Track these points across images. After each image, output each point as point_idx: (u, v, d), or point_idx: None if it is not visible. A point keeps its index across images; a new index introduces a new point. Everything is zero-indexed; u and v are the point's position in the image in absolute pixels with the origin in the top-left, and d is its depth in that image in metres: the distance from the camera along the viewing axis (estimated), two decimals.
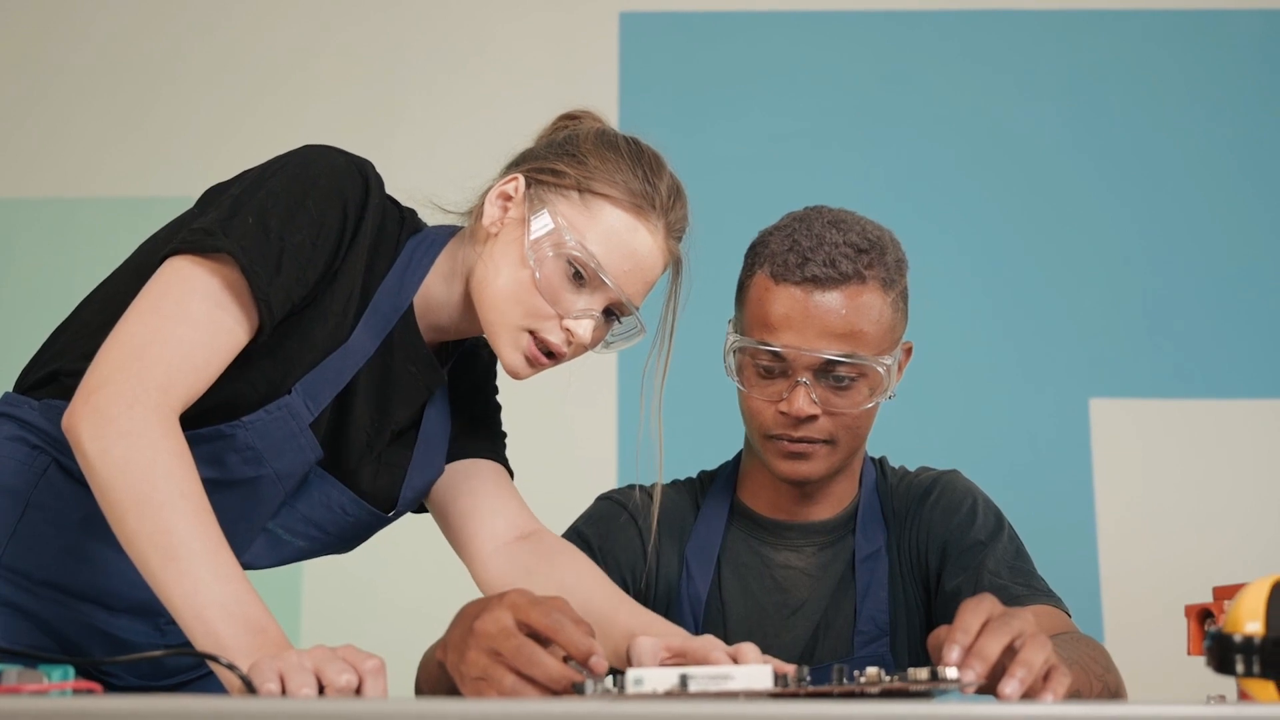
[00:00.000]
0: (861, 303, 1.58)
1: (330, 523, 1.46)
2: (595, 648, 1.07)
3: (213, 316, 1.26)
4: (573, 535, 1.69)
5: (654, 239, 1.43)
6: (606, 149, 1.44)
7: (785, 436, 1.60)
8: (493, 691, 1.09)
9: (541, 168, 1.43)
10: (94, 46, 3.14)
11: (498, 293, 1.39)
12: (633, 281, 1.42)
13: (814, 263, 1.57)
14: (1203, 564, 2.77)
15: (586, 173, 1.41)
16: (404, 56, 3.10)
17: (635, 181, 1.42)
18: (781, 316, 1.58)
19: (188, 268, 1.27)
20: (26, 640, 1.36)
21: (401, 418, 1.48)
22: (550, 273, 1.38)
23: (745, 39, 3.10)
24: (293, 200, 1.32)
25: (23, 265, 2.94)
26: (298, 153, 1.37)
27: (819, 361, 1.57)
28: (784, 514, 1.69)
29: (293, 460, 1.38)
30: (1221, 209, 2.99)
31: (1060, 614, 1.52)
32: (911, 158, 3.03)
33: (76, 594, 1.38)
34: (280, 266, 1.29)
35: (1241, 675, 0.97)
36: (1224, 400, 2.91)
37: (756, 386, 1.61)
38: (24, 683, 0.94)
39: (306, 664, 1.06)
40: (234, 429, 1.32)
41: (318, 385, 1.37)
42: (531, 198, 1.41)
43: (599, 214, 1.40)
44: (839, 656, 1.62)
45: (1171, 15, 3.06)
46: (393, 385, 1.45)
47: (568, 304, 1.39)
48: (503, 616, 1.10)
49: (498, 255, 1.40)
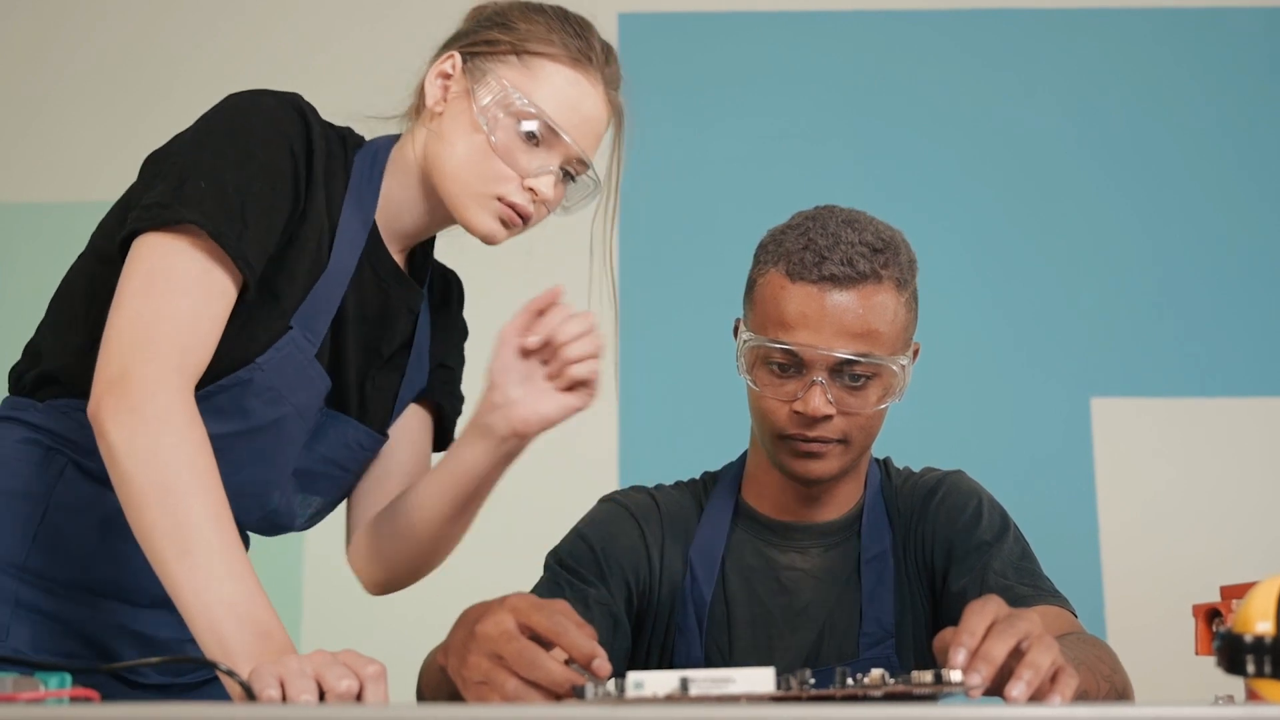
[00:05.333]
0: (877, 302, 1.57)
1: (349, 459, 1.49)
2: (598, 651, 1.07)
3: (202, 282, 1.27)
4: (575, 537, 1.68)
5: (596, 90, 1.45)
6: (534, 13, 1.47)
7: (800, 436, 1.59)
8: (494, 695, 1.08)
9: (475, 41, 1.47)
10: (95, 52, 3.14)
11: (456, 164, 1.42)
12: (583, 134, 1.44)
13: (831, 261, 1.56)
14: (1206, 563, 2.76)
15: (519, 36, 1.44)
16: (403, 59, 3.09)
17: (569, 38, 1.45)
18: (797, 315, 1.56)
19: (161, 243, 1.28)
20: (53, 645, 1.37)
21: (392, 340, 1.50)
22: (504, 135, 1.41)
23: (744, 40, 3.10)
24: (239, 152, 1.32)
25: (25, 270, 2.94)
26: (226, 106, 1.38)
27: (835, 361, 1.56)
28: (789, 515, 1.69)
29: (308, 393, 1.40)
30: (1224, 206, 2.98)
31: (1067, 614, 1.51)
32: (911, 157, 3.03)
33: (101, 592, 1.39)
34: (246, 220, 1.30)
35: (1252, 676, 0.96)
36: (1227, 398, 2.91)
37: (770, 385, 1.60)
38: (19, 690, 0.93)
39: (307, 669, 1.06)
40: (251, 372, 1.34)
41: (312, 315, 1.39)
42: (471, 70, 1.44)
43: (540, 72, 1.43)
44: (844, 658, 1.61)
45: (1174, 13, 3.05)
46: (375, 308, 1.47)
47: (525, 164, 1.42)
48: (504, 620, 1.09)
49: (448, 130, 1.43)
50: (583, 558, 1.64)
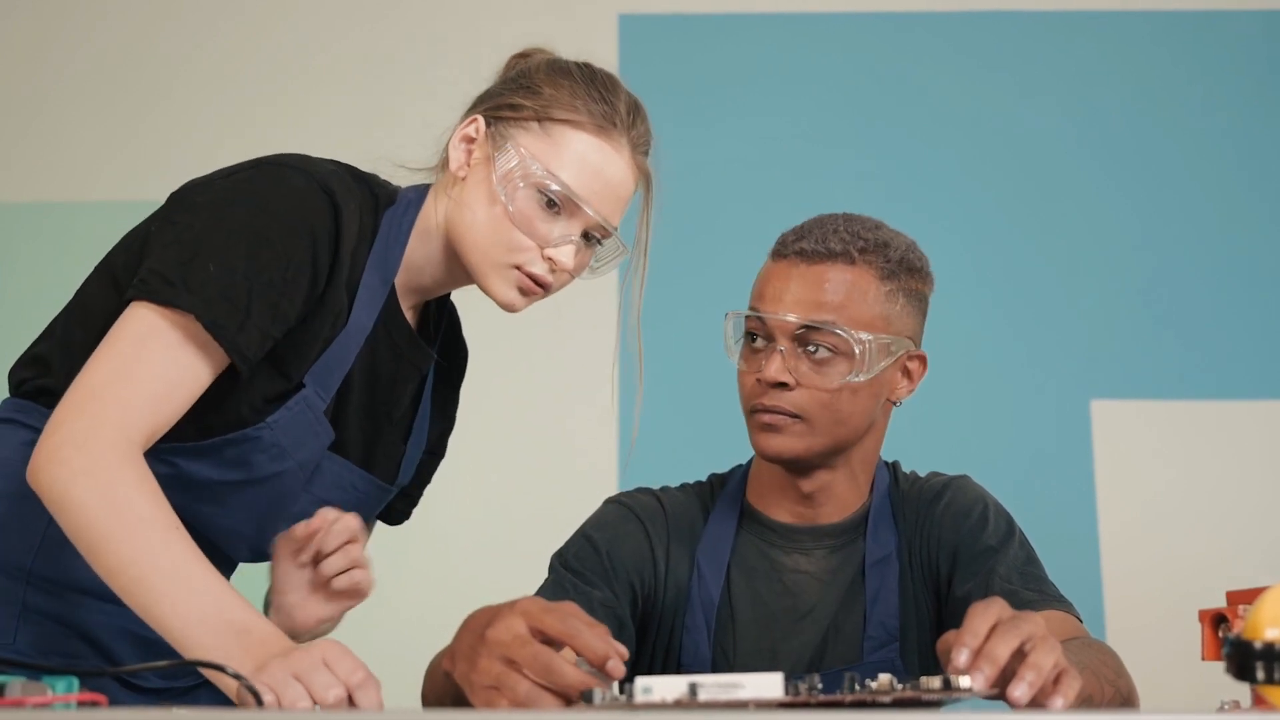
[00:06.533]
0: (846, 279, 1.59)
1: (341, 501, 1.48)
2: (611, 652, 1.06)
3: (170, 357, 1.27)
4: (580, 539, 1.68)
5: (620, 156, 1.44)
6: (559, 76, 1.46)
7: (761, 407, 1.60)
8: (505, 700, 1.07)
9: (499, 105, 1.46)
10: (95, 52, 3.13)
11: (477, 233, 1.41)
12: (605, 201, 1.43)
13: (806, 239, 1.61)
14: (1206, 566, 2.76)
15: (543, 102, 1.43)
16: (403, 61, 3.09)
17: (593, 103, 1.44)
18: (766, 285, 1.62)
19: (149, 317, 1.28)
20: (60, 647, 1.38)
21: (400, 398, 1.50)
22: (522, 204, 1.40)
23: (744, 41, 3.10)
24: (255, 238, 1.31)
25: (25, 270, 2.94)
26: (255, 182, 1.36)
27: (792, 327, 1.58)
28: (793, 517, 1.69)
29: (312, 449, 1.41)
30: (1224, 208, 2.99)
31: (1072, 619, 1.52)
32: (912, 160, 3.03)
33: (104, 595, 1.39)
34: (250, 309, 1.29)
35: (1261, 682, 0.96)
36: (1226, 401, 2.91)
37: (745, 359, 1.64)
38: (28, 695, 0.93)
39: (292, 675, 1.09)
40: (260, 431, 1.35)
41: (325, 372, 1.40)
42: (493, 135, 1.44)
43: (561, 140, 1.42)
44: (848, 662, 1.61)
45: (1174, 16, 3.05)
46: (386, 366, 1.47)
47: (544, 233, 1.41)
48: (516, 624, 1.09)
49: (469, 197, 1.43)
50: (588, 560, 1.64)
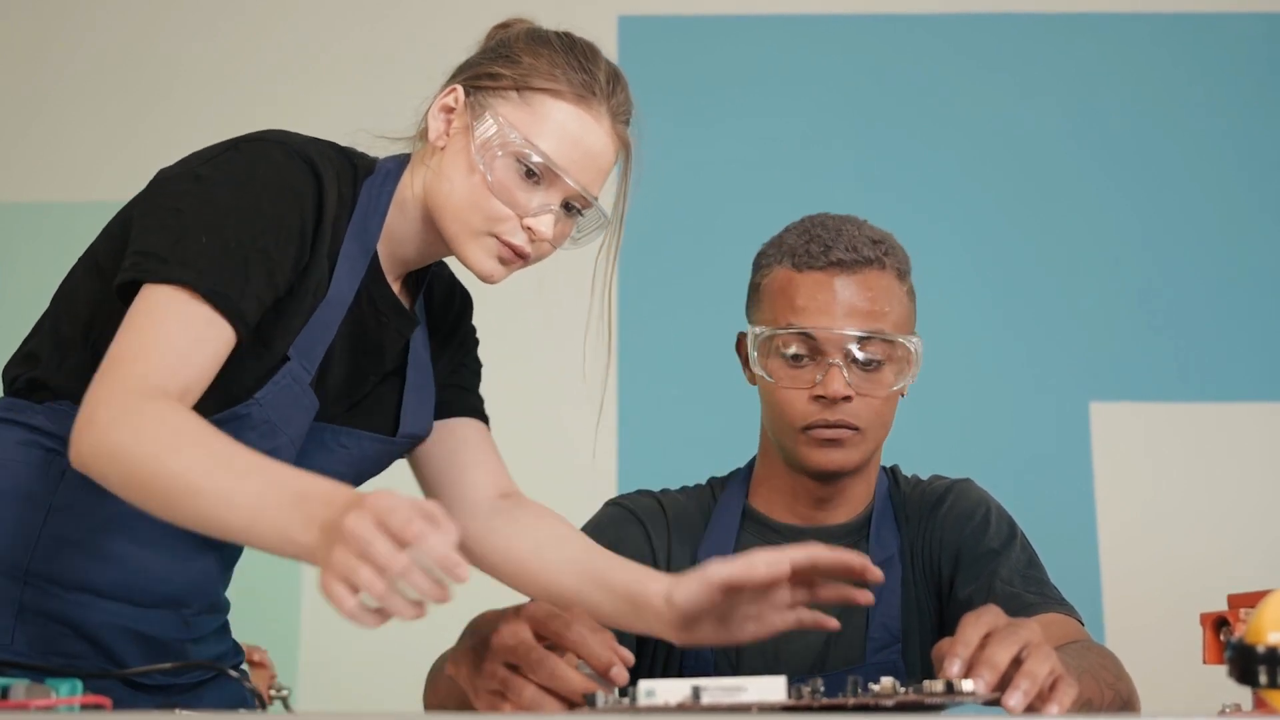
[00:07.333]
0: (883, 286, 1.61)
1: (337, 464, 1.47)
2: (615, 659, 1.07)
3: (180, 326, 1.26)
4: None
5: (600, 125, 1.43)
6: (539, 45, 1.45)
7: (821, 423, 1.60)
8: (508, 704, 1.08)
9: (478, 74, 1.45)
10: (95, 52, 3.13)
11: (454, 202, 1.41)
12: (585, 171, 1.42)
13: (836, 249, 1.60)
14: (1205, 569, 2.76)
15: (522, 71, 1.42)
16: (403, 61, 3.09)
17: (572, 72, 1.43)
18: (809, 300, 1.60)
19: (153, 296, 1.27)
20: (59, 647, 1.37)
21: (382, 363, 1.50)
22: (501, 173, 1.39)
23: (744, 43, 3.09)
24: (245, 207, 1.32)
25: (25, 270, 2.93)
26: (237, 154, 1.37)
27: (850, 340, 1.58)
28: (797, 519, 1.69)
29: (300, 422, 1.40)
30: (1223, 210, 2.99)
31: (1073, 622, 1.52)
32: (911, 162, 3.02)
33: (106, 594, 1.39)
34: (248, 274, 1.29)
35: (1264, 686, 0.96)
36: (1226, 403, 2.91)
37: (787, 377, 1.61)
38: (32, 698, 0.93)
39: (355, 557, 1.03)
40: (249, 407, 1.34)
41: (309, 343, 1.39)
42: (472, 104, 1.43)
43: (541, 109, 1.41)
44: (851, 663, 1.61)
45: (1174, 18, 3.06)
46: (369, 332, 1.47)
47: (523, 203, 1.40)
48: (521, 629, 1.09)
49: (447, 166, 1.42)
50: None
